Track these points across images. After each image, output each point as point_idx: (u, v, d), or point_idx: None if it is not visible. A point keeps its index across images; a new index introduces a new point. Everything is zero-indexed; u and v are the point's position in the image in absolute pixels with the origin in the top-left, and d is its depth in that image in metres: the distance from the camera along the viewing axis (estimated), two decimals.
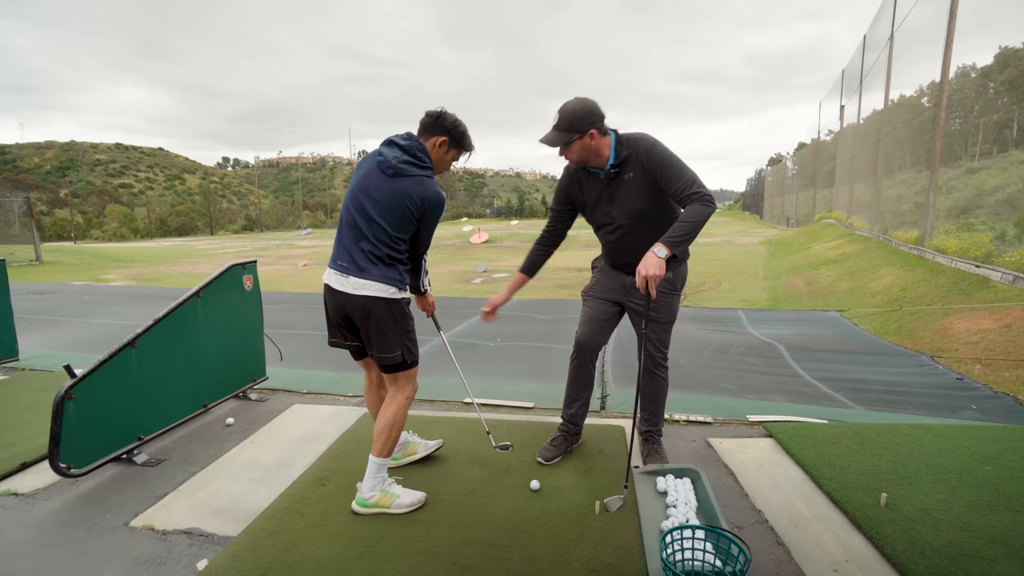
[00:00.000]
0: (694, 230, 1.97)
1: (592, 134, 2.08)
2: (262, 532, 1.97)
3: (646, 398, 2.45)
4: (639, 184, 2.12)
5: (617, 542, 1.89)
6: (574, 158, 2.16)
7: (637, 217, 2.18)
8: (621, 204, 2.19)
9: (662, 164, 2.06)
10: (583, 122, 2.07)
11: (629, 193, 2.16)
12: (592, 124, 2.07)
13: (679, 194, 2.03)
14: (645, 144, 2.10)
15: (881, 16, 15.42)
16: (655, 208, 2.16)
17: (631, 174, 2.13)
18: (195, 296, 2.92)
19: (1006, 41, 12.88)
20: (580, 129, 2.07)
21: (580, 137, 2.08)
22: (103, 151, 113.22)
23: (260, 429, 2.95)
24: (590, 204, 2.30)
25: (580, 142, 2.09)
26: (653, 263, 1.94)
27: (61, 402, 2.25)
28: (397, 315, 2.05)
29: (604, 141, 2.13)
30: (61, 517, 2.15)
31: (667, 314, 2.32)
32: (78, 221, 43.33)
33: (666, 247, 1.95)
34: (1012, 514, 1.96)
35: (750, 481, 2.32)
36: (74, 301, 8.43)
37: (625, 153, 2.12)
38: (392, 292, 2.02)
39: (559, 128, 2.10)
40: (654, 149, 2.08)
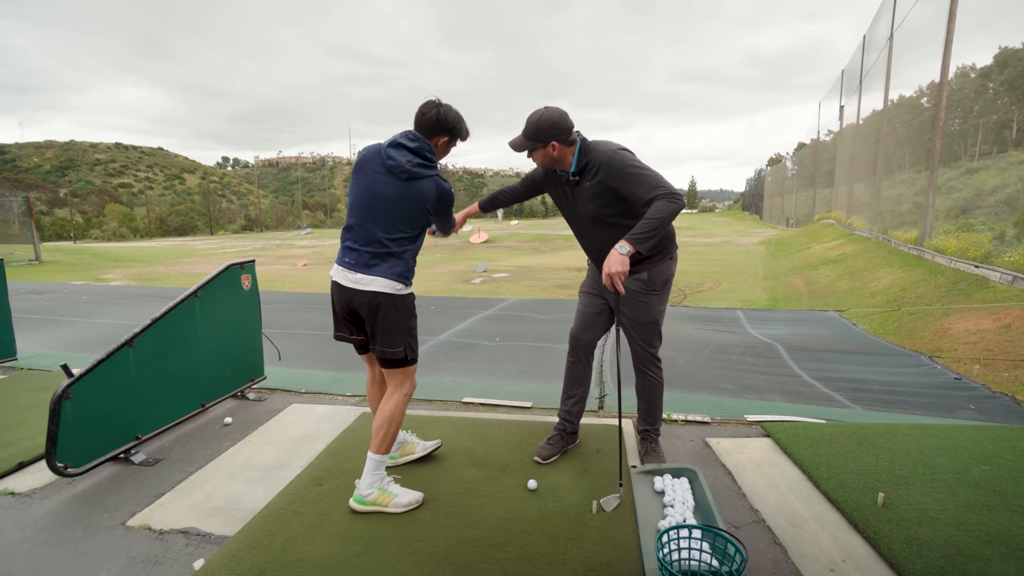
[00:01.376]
0: (658, 226, 2.00)
1: (553, 145, 2.15)
2: (259, 531, 1.97)
3: (640, 397, 2.48)
4: (596, 192, 2.17)
5: (614, 541, 1.89)
6: (538, 162, 2.26)
7: (595, 222, 2.25)
8: (581, 208, 2.27)
9: (621, 175, 2.09)
10: (545, 134, 2.14)
11: (587, 199, 2.22)
12: (554, 136, 2.14)
13: (643, 200, 2.06)
14: (606, 155, 2.13)
15: (880, 16, 15.43)
16: (614, 214, 2.19)
17: (589, 183, 2.19)
18: (193, 296, 2.92)
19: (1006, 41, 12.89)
20: (542, 139, 2.15)
21: (542, 147, 2.16)
22: (103, 151, 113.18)
23: (258, 429, 2.95)
24: (556, 202, 2.42)
25: (542, 151, 2.18)
26: (615, 260, 2.00)
27: (58, 401, 2.24)
28: (402, 311, 2.10)
29: (567, 151, 2.19)
30: (58, 516, 2.15)
31: (645, 314, 2.31)
32: (77, 221, 43.31)
33: (628, 243, 2.00)
34: (1009, 514, 1.96)
35: (747, 481, 2.33)
36: (73, 301, 8.43)
37: (584, 162, 2.18)
38: (399, 288, 2.07)
39: (524, 135, 2.18)
40: (613, 160, 2.11)
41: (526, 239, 26.02)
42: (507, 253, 20.77)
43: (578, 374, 2.54)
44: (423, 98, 2.12)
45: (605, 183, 2.13)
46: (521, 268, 15.68)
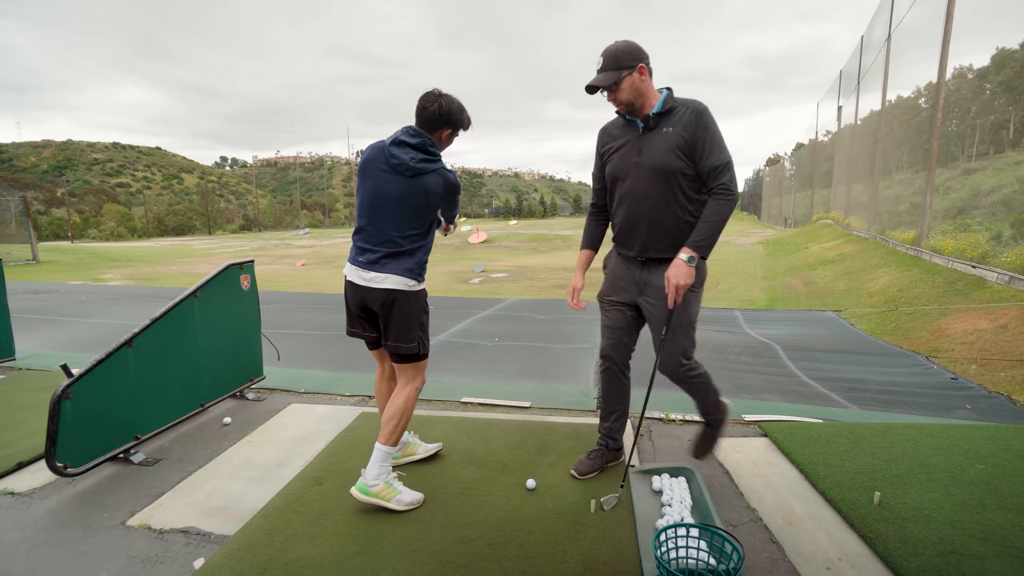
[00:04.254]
0: (718, 230, 1.93)
1: (642, 69, 1.97)
2: (259, 531, 1.98)
3: (693, 398, 2.26)
4: (675, 140, 1.96)
5: (612, 540, 1.90)
6: (624, 98, 2.01)
7: (658, 174, 1.99)
8: (649, 157, 2.01)
9: (707, 130, 1.94)
10: (631, 57, 1.97)
11: (660, 147, 1.99)
12: (640, 59, 1.97)
13: (708, 172, 1.94)
14: (697, 106, 1.97)
15: (878, 17, 15.47)
16: (676, 177, 1.98)
17: (670, 129, 1.98)
18: (192, 296, 2.93)
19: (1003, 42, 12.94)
20: (629, 64, 1.96)
21: (630, 73, 1.97)
22: (100, 150, 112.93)
23: (257, 428, 2.96)
24: (617, 152, 2.12)
25: (630, 78, 1.97)
26: (683, 272, 1.91)
27: (58, 401, 2.25)
28: (415, 307, 2.13)
29: (651, 84, 2.03)
30: (57, 516, 2.15)
31: (683, 314, 2.09)
32: (75, 220, 43.21)
33: (693, 251, 1.91)
34: (1003, 512, 1.97)
35: (745, 480, 2.34)
36: (71, 301, 8.41)
37: (672, 105, 2.00)
38: (412, 284, 2.10)
39: (606, 68, 1.99)
40: (704, 114, 1.96)
41: (524, 239, 26.04)
42: (506, 253, 20.77)
43: (617, 390, 2.35)
44: None
45: (690, 134, 1.94)
46: (520, 268, 15.69)
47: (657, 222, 2.04)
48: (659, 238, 2.07)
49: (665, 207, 2.01)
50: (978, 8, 10.36)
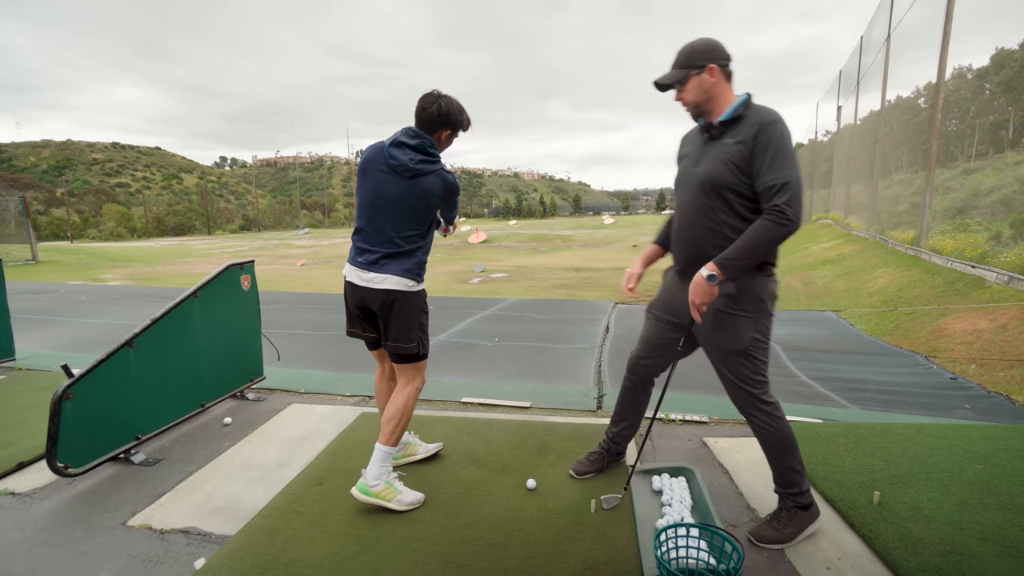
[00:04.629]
0: (755, 252, 1.72)
1: (712, 69, 1.81)
2: (260, 531, 1.98)
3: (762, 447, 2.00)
4: (734, 151, 1.79)
5: (612, 540, 1.90)
6: (690, 99, 1.87)
7: (708, 187, 1.84)
8: (704, 167, 1.86)
9: (768, 144, 1.73)
10: (702, 56, 1.82)
11: (717, 157, 1.83)
12: (713, 59, 1.82)
13: (763, 191, 1.73)
14: (765, 117, 1.77)
15: (878, 18, 15.48)
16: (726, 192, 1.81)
17: (732, 139, 1.81)
18: (193, 296, 2.93)
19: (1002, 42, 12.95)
20: (698, 64, 1.82)
21: (698, 72, 1.83)
22: (100, 150, 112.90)
23: (257, 429, 2.96)
24: (682, 161, 2.02)
25: (698, 78, 1.83)
26: (698, 289, 1.77)
27: (59, 402, 2.25)
28: (415, 307, 2.14)
29: (726, 88, 1.85)
30: (58, 516, 2.15)
31: (731, 340, 1.87)
32: (74, 220, 43.20)
33: (716, 268, 1.74)
34: (1003, 512, 1.98)
35: (745, 480, 2.34)
36: (71, 301, 8.41)
37: (742, 114, 1.81)
38: (411, 285, 2.11)
39: (675, 65, 1.87)
40: (772, 127, 1.74)
41: (524, 239, 26.04)
42: (505, 253, 20.78)
43: (634, 400, 2.27)
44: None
45: (750, 144, 1.75)
46: (519, 268, 15.69)
47: (698, 239, 1.88)
48: (700, 253, 1.87)
49: (709, 224, 1.85)
50: (977, 8, 10.38)
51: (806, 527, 1.92)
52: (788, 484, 1.94)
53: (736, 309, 1.85)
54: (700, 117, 1.92)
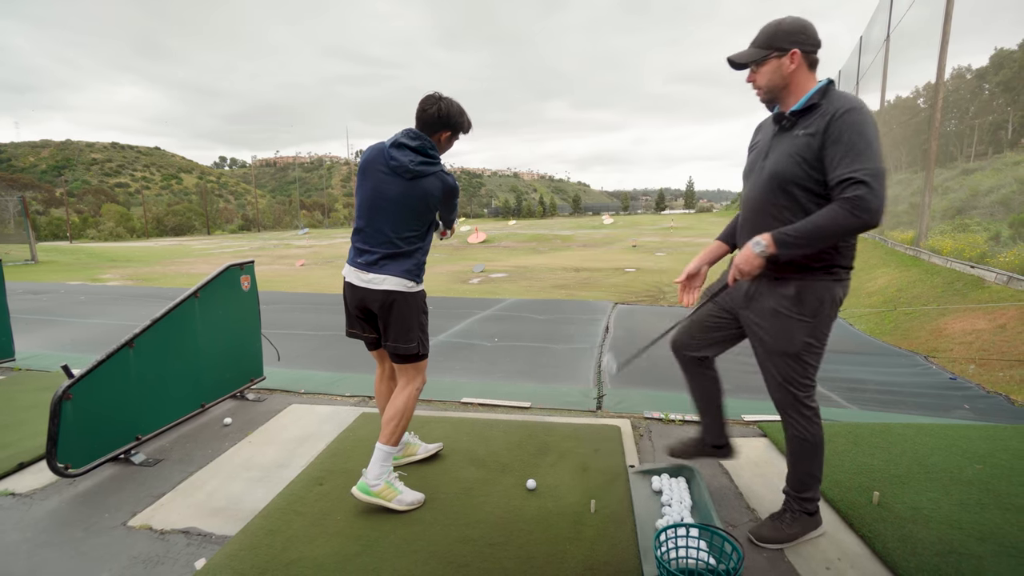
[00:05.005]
0: (818, 236, 1.57)
1: (794, 55, 1.66)
2: (260, 531, 1.98)
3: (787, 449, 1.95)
4: (804, 143, 1.65)
5: (612, 540, 1.90)
6: (763, 83, 1.73)
7: (774, 182, 1.71)
8: (772, 160, 1.74)
9: (842, 135, 1.57)
10: (787, 38, 1.67)
11: (786, 150, 1.69)
12: (798, 43, 1.66)
13: (836, 184, 1.57)
14: (840, 105, 1.61)
15: (877, 18, 15.49)
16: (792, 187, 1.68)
17: (803, 131, 1.66)
18: (193, 296, 2.93)
19: (1001, 43, 12.96)
20: (780, 46, 1.67)
21: (779, 56, 1.67)
22: (99, 150, 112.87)
23: (258, 429, 2.96)
24: (752, 152, 1.90)
25: (776, 61, 1.68)
26: (746, 256, 1.65)
27: (59, 402, 2.25)
28: (414, 308, 2.14)
29: (806, 76, 1.70)
30: (58, 517, 2.16)
31: (783, 341, 1.77)
32: (74, 220, 43.19)
33: (771, 241, 1.61)
34: (1001, 512, 1.98)
35: (744, 480, 2.35)
36: (70, 301, 8.40)
37: (816, 103, 1.66)
38: (410, 286, 2.11)
39: (755, 44, 1.72)
40: (846, 116, 1.58)
41: (524, 239, 26.05)
42: (505, 253, 20.78)
43: (699, 388, 2.14)
44: (419, 98, 2.13)
45: (820, 135, 1.61)
46: (519, 268, 15.70)
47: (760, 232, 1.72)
48: None
49: (772, 219, 1.72)
50: (976, 8, 10.38)
51: (808, 532, 1.90)
52: (802, 488, 1.89)
53: (794, 312, 1.74)
54: (773, 104, 1.79)
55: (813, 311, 1.72)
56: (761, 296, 1.81)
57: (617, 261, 17.23)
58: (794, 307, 1.74)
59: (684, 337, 2.10)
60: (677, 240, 25.03)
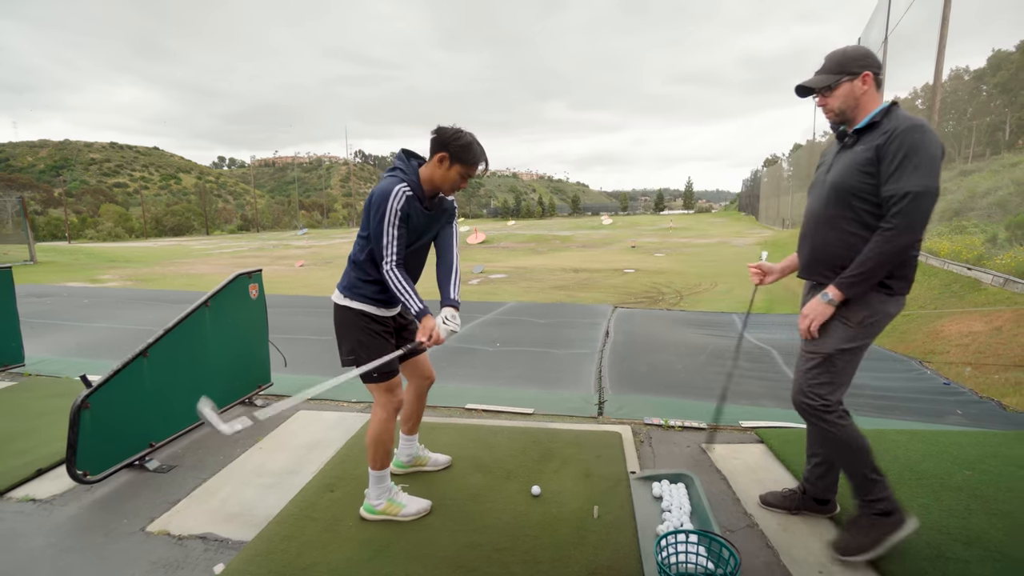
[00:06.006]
0: (871, 271, 1.70)
1: (866, 77, 1.77)
2: (275, 537, 2.06)
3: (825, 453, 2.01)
4: (861, 159, 1.75)
5: (614, 545, 1.98)
6: (835, 106, 1.83)
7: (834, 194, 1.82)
8: (833, 174, 1.85)
9: (899, 150, 1.66)
10: (857, 62, 1.78)
11: (847, 164, 1.80)
12: (868, 66, 1.77)
13: (886, 199, 1.69)
14: (901, 124, 1.70)
15: (875, 19, 15.54)
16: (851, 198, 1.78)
17: (863, 146, 1.77)
18: (204, 306, 3.00)
19: (999, 44, 13.03)
20: (852, 70, 1.78)
21: (851, 79, 1.78)
22: (98, 150, 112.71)
23: (267, 436, 3.03)
24: (818, 169, 2.02)
25: (849, 85, 1.79)
26: (815, 308, 1.79)
27: (78, 411, 2.32)
28: (338, 319, 2.13)
29: (873, 96, 1.80)
30: (79, 523, 2.23)
31: (819, 340, 1.85)
32: (72, 221, 43.17)
33: (836, 289, 1.75)
34: (988, 517, 2.06)
35: (742, 486, 2.42)
36: (74, 304, 8.47)
37: (878, 121, 1.76)
38: (337, 297, 2.13)
39: (825, 70, 1.82)
40: (905, 133, 1.67)
41: (523, 240, 26.11)
42: (504, 254, 20.84)
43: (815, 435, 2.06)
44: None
45: (880, 148, 1.71)
46: (518, 269, 15.76)
47: (819, 244, 1.88)
48: (819, 262, 1.90)
49: (831, 229, 1.83)
50: (974, 11, 10.46)
51: (891, 534, 1.83)
52: (863, 492, 1.88)
53: (838, 313, 1.82)
54: (841, 124, 1.89)
55: (858, 319, 1.80)
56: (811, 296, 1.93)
57: (616, 262, 17.30)
58: (839, 309, 1.82)
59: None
60: (676, 241, 25.12)
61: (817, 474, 2.13)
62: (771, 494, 2.25)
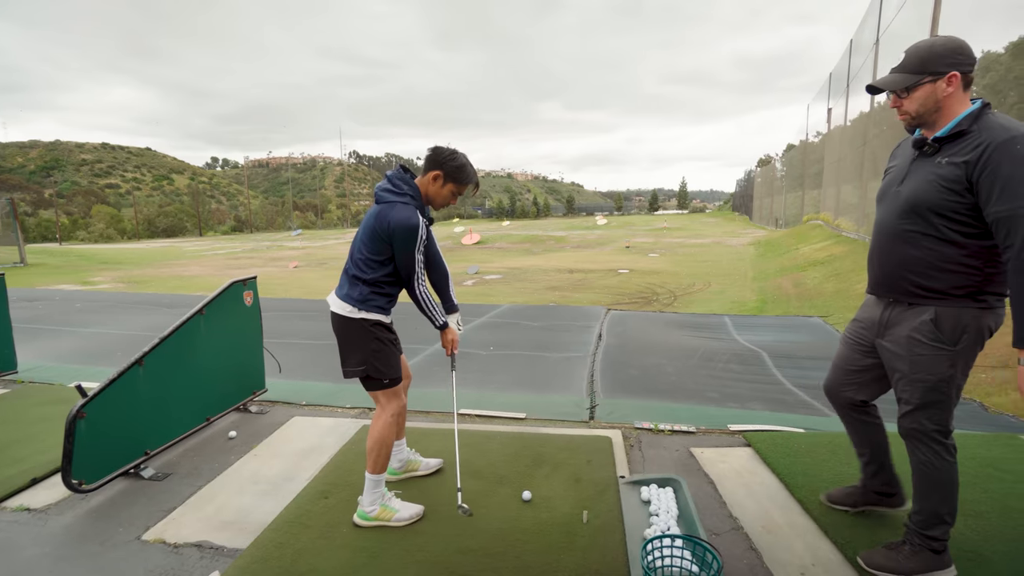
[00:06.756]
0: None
1: (953, 78, 1.58)
2: (270, 544, 2.09)
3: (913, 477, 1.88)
4: (945, 174, 1.58)
5: (603, 549, 2.03)
6: (912, 108, 1.65)
7: (909, 212, 1.67)
8: (908, 187, 1.69)
9: (1000, 166, 1.49)
10: (943, 60, 1.58)
11: (926, 177, 1.63)
12: (957, 64, 1.57)
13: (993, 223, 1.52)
14: (998, 135, 1.52)
15: (867, 21, 15.71)
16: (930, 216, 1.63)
17: (947, 159, 1.59)
18: (199, 313, 3.02)
19: (988, 46, 13.19)
20: (936, 69, 1.59)
21: (933, 80, 1.59)
22: (89, 151, 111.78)
23: (262, 442, 3.06)
24: (888, 174, 1.86)
25: (932, 86, 1.60)
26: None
27: (73, 421, 2.35)
28: (351, 333, 2.17)
29: (960, 98, 1.61)
30: (74, 532, 2.25)
31: (924, 370, 1.70)
32: (63, 222, 42.82)
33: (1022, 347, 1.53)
34: (964, 518, 2.13)
35: (728, 489, 2.48)
36: (66, 309, 8.43)
37: (965, 129, 1.58)
38: (349, 311, 2.15)
39: (904, 68, 1.64)
40: (1004, 146, 1.49)
41: (517, 240, 26.15)
42: (499, 254, 20.87)
43: (856, 433, 2.11)
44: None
45: (972, 166, 1.53)
46: (513, 270, 15.81)
47: (894, 258, 1.73)
48: (896, 279, 1.75)
49: (907, 246, 1.69)
50: (963, 12, 10.60)
51: (929, 571, 1.78)
52: (926, 526, 1.81)
53: (931, 339, 1.68)
54: (918, 128, 1.71)
55: (953, 339, 1.65)
56: (896, 323, 1.77)
57: (611, 262, 17.37)
58: (931, 334, 1.67)
59: (835, 382, 2.07)
60: (670, 241, 25.25)
61: (870, 472, 2.12)
62: (838, 490, 2.23)
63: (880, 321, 1.85)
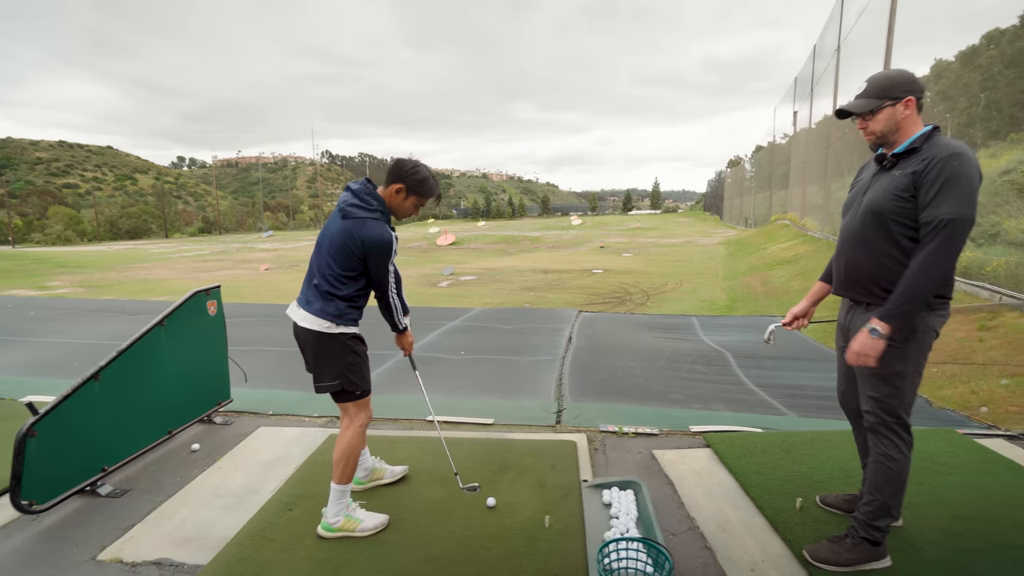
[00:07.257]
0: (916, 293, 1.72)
1: (909, 102, 1.81)
2: (231, 559, 2.07)
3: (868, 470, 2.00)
4: (903, 183, 1.79)
5: (564, 553, 2.08)
6: (877, 129, 1.87)
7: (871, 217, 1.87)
8: (870, 197, 1.90)
9: (938, 176, 1.71)
10: (901, 87, 1.82)
11: (884, 188, 1.85)
12: (912, 91, 1.81)
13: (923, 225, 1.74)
14: (941, 151, 1.74)
15: (829, 28, 16.29)
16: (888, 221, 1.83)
17: (901, 171, 1.81)
18: (159, 325, 2.96)
19: (939, 53, 13.81)
20: (895, 95, 1.82)
21: (893, 104, 1.82)
22: (44, 149, 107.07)
23: (227, 454, 3.02)
24: (853, 188, 2.07)
25: (891, 109, 1.83)
26: (862, 342, 1.79)
27: (23, 440, 2.27)
28: (327, 348, 2.17)
29: (915, 120, 1.84)
30: (24, 555, 2.18)
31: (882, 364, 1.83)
32: (17, 223, 40.94)
33: (882, 323, 1.75)
34: (906, 511, 2.25)
35: (687, 490, 2.56)
36: (19, 317, 8.09)
37: (918, 147, 1.80)
38: (325, 326, 2.15)
39: (867, 94, 1.87)
40: (945, 161, 1.71)
41: (493, 240, 26.18)
42: (474, 255, 20.86)
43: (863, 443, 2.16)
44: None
45: (919, 175, 1.75)
46: (488, 271, 15.83)
47: (854, 262, 1.93)
48: (855, 280, 1.94)
49: (867, 249, 1.89)
50: (918, 20, 11.10)
51: (868, 561, 1.92)
52: (873, 516, 1.92)
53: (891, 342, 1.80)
54: (880, 147, 1.93)
55: (903, 337, 1.81)
56: (854, 325, 1.97)
57: (585, 262, 17.55)
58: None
59: (841, 391, 2.20)
60: (643, 241, 25.64)
61: None
62: (835, 495, 2.33)
63: (843, 324, 2.07)
